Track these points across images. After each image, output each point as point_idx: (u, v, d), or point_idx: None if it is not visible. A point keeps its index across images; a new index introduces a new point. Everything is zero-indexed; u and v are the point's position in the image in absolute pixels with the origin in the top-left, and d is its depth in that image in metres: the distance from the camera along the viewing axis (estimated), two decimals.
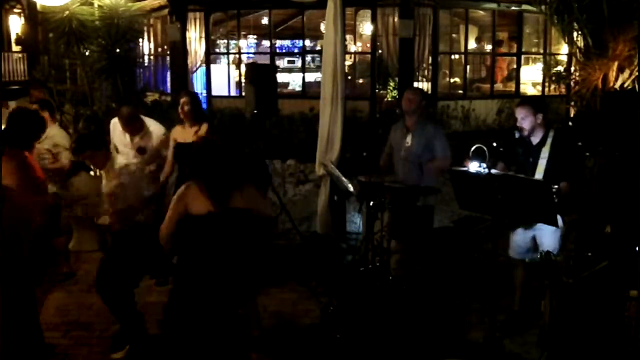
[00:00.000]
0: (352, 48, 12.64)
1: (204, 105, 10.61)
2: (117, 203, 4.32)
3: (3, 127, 4.21)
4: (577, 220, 4.67)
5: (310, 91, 10.29)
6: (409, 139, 5.18)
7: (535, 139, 4.37)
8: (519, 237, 4.52)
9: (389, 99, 10.87)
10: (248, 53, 13.06)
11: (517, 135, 4.32)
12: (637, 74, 5.58)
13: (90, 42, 8.68)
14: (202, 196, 3.48)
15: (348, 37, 11.32)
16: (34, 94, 8.83)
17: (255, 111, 6.25)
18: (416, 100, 5.20)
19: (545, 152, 4.30)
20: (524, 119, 4.32)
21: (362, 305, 4.76)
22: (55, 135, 5.76)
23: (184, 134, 5.57)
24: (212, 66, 11.19)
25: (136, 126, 5.53)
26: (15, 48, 14.26)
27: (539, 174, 4.27)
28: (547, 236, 4.29)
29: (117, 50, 8.69)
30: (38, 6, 10.13)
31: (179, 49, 10.60)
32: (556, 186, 3.99)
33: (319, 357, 4.42)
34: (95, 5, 8.55)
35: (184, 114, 5.54)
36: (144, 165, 4.93)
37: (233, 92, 11.19)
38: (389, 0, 9.85)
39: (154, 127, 5.66)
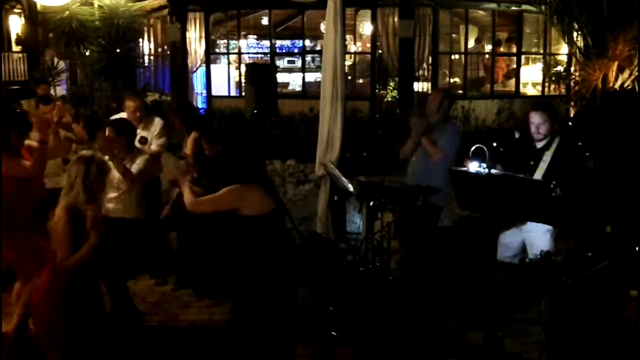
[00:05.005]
0: (352, 48, 12.63)
1: (205, 106, 10.65)
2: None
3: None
4: (577, 220, 4.67)
5: (310, 91, 10.27)
6: None
7: (539, 143, 4.32)
8: (508, 240, 4.43)
9: (389, 99, 10.87)
10: (248, 53, 13.05)
11: (517, 135, 4.29)
12: (637, 74, 5.59)
13: (90, 42, 8.71)
14: (263, 195, 3.35)
15: (348, 37, 11.32)
16: (39, 93, 8.85)
17: (255, 111, 6.26)
18: (437, 99, 5.14)
19: (547, 156, 4.25)
20: (543, 125, 4.25)
21: (362, 306, 4.76)
22: None
23: None
24: (212, 66, 11.18)
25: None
26: (15, 48, 14.26)
27: (537, 177, 4.24)
28: (538, 238, 4.24)
29: (117, 50, 8.71)
30: (38, 6, 10.16)
31: (179, 49, 10.59)
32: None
33: (319, 357, 4.42)
34: (95, 5, 8.57)
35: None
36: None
37: (233, 92, 11.18)
38: (389, 0, 9.85)
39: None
